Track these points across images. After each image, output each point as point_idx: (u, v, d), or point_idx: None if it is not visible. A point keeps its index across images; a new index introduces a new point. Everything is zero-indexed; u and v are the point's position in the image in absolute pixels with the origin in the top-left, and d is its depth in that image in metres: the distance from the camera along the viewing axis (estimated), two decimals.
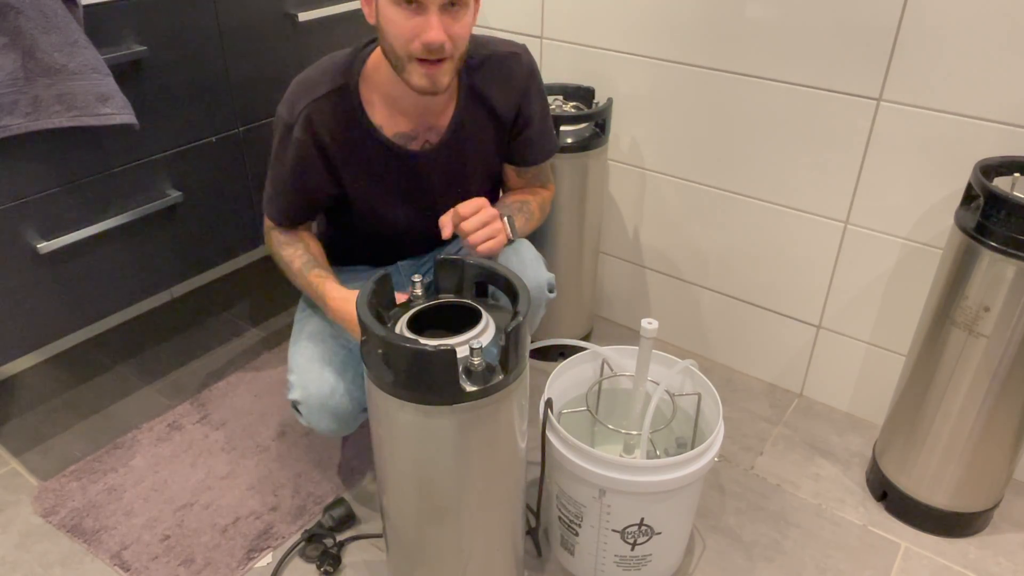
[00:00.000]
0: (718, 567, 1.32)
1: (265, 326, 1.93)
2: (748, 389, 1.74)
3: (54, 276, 1.32)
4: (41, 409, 1.66)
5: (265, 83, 1.52)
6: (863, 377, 1.61)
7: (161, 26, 1.32)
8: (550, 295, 1.29)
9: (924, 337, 1.30)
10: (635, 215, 1.78)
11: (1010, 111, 1.25)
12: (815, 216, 1.53)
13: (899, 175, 1.40)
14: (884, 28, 1.31)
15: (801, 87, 1.44)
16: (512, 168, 1.38)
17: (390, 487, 1.06)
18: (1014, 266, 1.13)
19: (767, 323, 1.69)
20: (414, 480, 1.01)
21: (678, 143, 1.64)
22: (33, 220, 1.26)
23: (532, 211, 1.36)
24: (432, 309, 1.02)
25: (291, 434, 1.58)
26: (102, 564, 1.31)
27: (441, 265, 1.06)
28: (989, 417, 1.25)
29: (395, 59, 1.10)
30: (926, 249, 1.42)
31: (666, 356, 1.28)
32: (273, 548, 1.34)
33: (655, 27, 1.56)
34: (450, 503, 1.01)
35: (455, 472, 0.99)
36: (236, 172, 1.54)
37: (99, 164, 1.32)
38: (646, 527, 1.16)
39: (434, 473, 0.99)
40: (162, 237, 1.46)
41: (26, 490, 1.46)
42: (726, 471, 1.51)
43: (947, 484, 1.34)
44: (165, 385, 1.73)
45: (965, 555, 1.35)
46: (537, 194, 1.40)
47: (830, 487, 1.48)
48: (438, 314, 1.02)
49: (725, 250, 1.68)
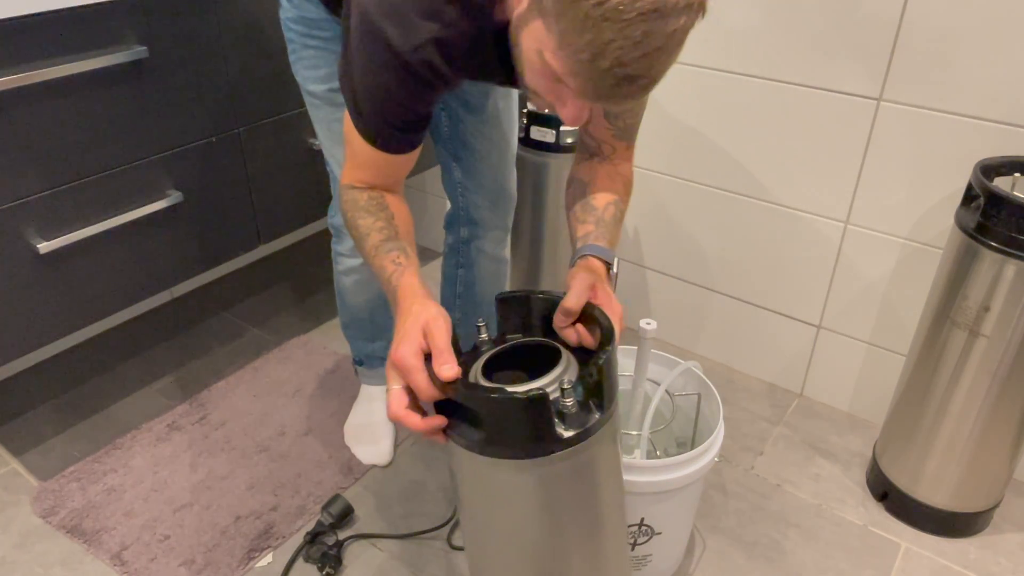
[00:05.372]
0: (718, 567, 1.32)
1: (265, 326, 1.93)
2: (748, 389, 1.74)
3: (54, 276, 1.32)
4: (41, 409, 1.66)
5: (265, 83, 1.52)
6: (863, 377, 1.61)
7: (161, 26, 1.32)
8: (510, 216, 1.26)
9: (924, 337, 1.30)
10: (635, 215, 1.78)
11: (1010, 111, 1.25)
12: (815, 216, 1.53)
13: (899, 175, 1.40)
14: (884, 28, 1.31)
15: (801, 87, 1.44)
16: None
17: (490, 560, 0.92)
18: (1014, 266, 1.13)
19: (767, 323, 1.69)
20: (517, 546, 0.87)
21: (678, 143, 1.64)
22: (33, 220, 1.26)
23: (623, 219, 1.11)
24: (503, 353, 0.88)
25: (291, 434, 1.58)
26: (102, 564, 1.31)
27: (503, 303, 0.92)
28: (989, 417, 1.25)
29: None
30: (926, 249, 1.42)
31: (667, 356, 1.27)
32: (273, 548, 1.34)
33: None
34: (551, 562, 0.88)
35: (558, 530, 0.86)
36: (236, 172, 1.54)
37: (99, 164, 1.32)
38: (646, 527, 1.16)
39: (534, 534, 0.86)
40: (162, 237, 1.46)
41: (26, 490, 1.46)
42: (726, 471, 1.51)
43: (947, 484, 1.34)
44: (165, 385, 1.73)
45: (965, 555, 1.34)
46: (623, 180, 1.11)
47: (830, 487, 1.48)
48: (508, 358, 0.88)
49: (725, 250, 1.68)
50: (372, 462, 1.51)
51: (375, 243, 0.96)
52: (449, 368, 0.76)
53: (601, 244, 0.98)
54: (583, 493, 0.84)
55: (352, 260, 1.38)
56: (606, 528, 0.89)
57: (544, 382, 0.80)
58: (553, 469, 0.80)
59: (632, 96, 0.75)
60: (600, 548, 0.89)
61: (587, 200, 1.04)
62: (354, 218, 1.00)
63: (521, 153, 1.64)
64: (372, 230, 0.97)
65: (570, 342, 0.88)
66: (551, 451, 0.78)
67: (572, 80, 0.75)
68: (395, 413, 0.80)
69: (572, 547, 0.87)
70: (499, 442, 0.78)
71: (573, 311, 0.86)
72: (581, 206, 1.04)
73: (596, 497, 0.86)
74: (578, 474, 0.82)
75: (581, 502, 0.85)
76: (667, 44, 0.71)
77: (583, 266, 0.94)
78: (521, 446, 0.78)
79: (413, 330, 0.81)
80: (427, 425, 0.80)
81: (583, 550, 0.88)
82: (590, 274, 0.90)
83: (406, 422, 0.80)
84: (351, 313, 1.48)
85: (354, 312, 1.47)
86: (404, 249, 0.95)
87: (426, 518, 1.40)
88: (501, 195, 1.38)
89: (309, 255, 2.17)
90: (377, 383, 1.59)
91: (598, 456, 0.83)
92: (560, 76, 0.76)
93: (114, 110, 1.30)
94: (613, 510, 0.90)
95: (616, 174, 1.08)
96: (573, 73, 0.74)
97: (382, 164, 0.98)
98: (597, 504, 0.86)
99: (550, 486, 0.81)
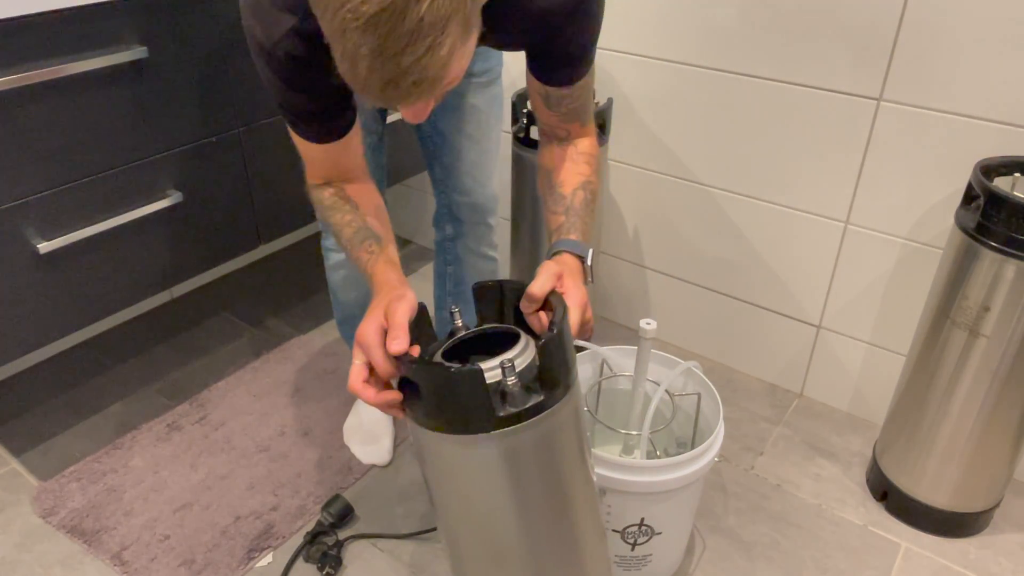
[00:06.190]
0: (718, 567, 1.32)
1: (265, 326, 1.93)
2: (748, 389, 1.74)
3: (54, 276, 1.32)
4: (41, 409, 1.66)
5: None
6: (863, 377, 1.61)
7: (161, 26, 1.32)
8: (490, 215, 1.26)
9: (924, 337, 1.30)
10: (635, 215, 1.78)
11: (1010, 111, 1.25)
12: (815, 216, 1.53)
13: (899, 175, 1.40)
14: (884, 28, 1.31)
15: (801, 87, 1.44)
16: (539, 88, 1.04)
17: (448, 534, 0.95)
18: (1014, 266, 1.13)
19: (767, 323, 1.69)
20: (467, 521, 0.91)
21: (678, 143, 1.64)
22: (33, 220, 1.26)
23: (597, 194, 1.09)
24: (474, 338, 0.91)
25: (291, 434, 1.58)
26: (102, 564, 1.31)
27: (479, 291, 0.95)
28: (989, 417, 1.25)
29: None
30: (926, 249, 1.42)
31: (668, 356, 1.27)
32: (273, 548, 1.34)
33: (655, 27, 1.56)
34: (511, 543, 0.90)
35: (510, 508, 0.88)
36: (236, 172, 1.54)
37: (99, 164, 1.32)
38: (646, 527, 1.16)
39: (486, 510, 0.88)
40: (162, 237, 1.46)
41: (26, 490, 1.46)
42: (726, 471, 1.51)
43: (947, 484, 1.34)
44: (165, 385, 1.73)
45: (965, 555, 1.34)
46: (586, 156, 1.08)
47: (830, 487, 1.48)
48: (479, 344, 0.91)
49: (725, 250, 1.68)
50: (372, 462, 1.51)
51: (348, 237, 1.00)
52: (398, 343, 0.80)
53: (573, 237, 0.99)
54: (532, 474, 0.86)
55: (339, 255, 1.39)
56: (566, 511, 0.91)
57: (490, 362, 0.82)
58: (495, 447, 0.83)
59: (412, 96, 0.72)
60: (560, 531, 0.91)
61: (554, 188, 1.05)
62: (326, 219, 1.03)
63: (521, 153, 1.65)
64: (343, 225, 1.00)
65: (534, 328, 0.91)
66: (485, 429, 0.81)
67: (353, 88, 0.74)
68: (352, 386, 0.85)
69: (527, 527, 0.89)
70: (440, 417, 0.82)
71: (536, 298, 0.88)
72: (551, 196, 1.05)
73: (549, 480, 0.88)
74: (522, 453, 0.84)
75: (531, 483, 0.87)
76: (411, 41, 0.67)
77: (555, 260, 0.95)
78: (460, 421, 0.81)
79: (376, 309, 0.85)
80: (381, 399, 0.84)
81: (539, 531, 0.90)
82: (556, 265, 0.93)
83: (362, 395, 0.85)
84: (344, 310, 1.49)
85: (347, 309, 1.48)
86: (375, 235, 0.98)
87: (426, 518, 1.40)
88: (481, 192, 1.38)
89: (309, 255, 2.17)
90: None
91: (545, 438, 0.85)
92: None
93: (114, 110, 1.30)
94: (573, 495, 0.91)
95: (577, 154, 1.07)
96: (350, 82, 0.73)
97: (323, 156, 1.01)
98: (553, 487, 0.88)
99: (493, 464, 0.84)
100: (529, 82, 1.05)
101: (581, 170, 1.06)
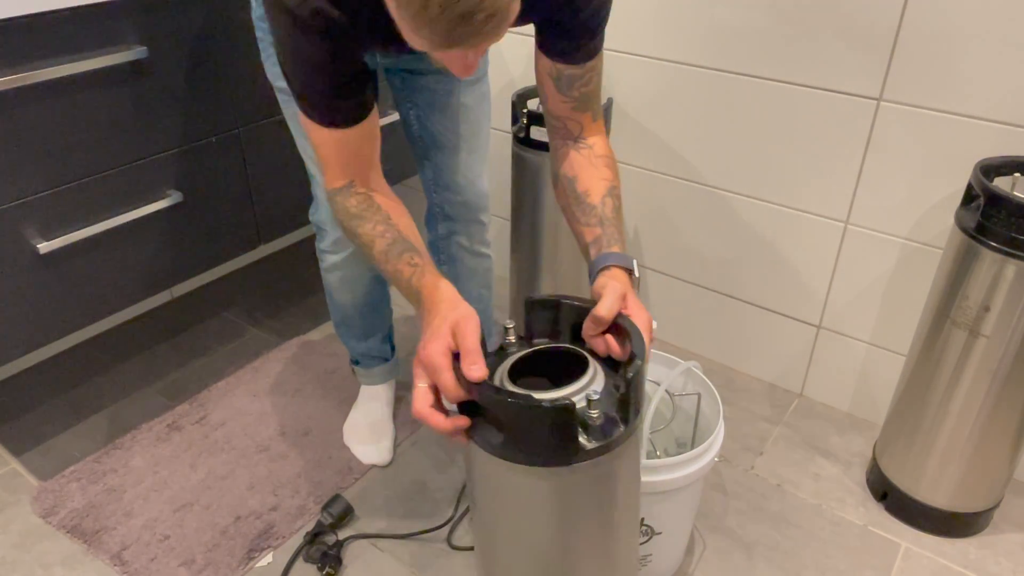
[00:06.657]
0: (718, 567, 1.32)
1: (265, 326, 1.93)
2: (748, 389, 1.74)
3: (54, 276, 1.32)
4: (41, 409, 1.66)
5: (265, 83, 1.52)
6: (863, 377, 1.61)
7: (161, 26, 1.32)
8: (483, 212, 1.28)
9: (924, 337, 1.30)
10: (635, 215, 1.78)
11: (1010, 111, 1.25)
12: (815, 216, 1.53)
13: (899, 175, 1.40)
14: (884, 28, 1.31)
15: (801, 87, 1.44)
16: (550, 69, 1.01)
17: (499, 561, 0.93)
18: (1014, 266, 1.13)
19: (767, 323, 1.69)
20: (527, 550, 0.88)
21: (678, 143, 1.64)
22: (33, 220, 1.26)
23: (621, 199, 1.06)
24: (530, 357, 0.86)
25: (291, 434, 1.58)
26: (102, 564, 1.31)
27: (532, 306, 0.90)
28: (989, 417, 1.25)
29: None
30: (926, 249, 1.42)
31: (668, 356, 1.27)
32: (273, 548, 1.34)
33: (655, 27, 1.56)
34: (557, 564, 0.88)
35: (570, 538, 0.86)
36: (236, 172, 1.54)
37: (99, 164, 1.32)
38: (646, 527, 1.16)
39: (546, 541, 0.86)
40: (162, 237, 1.46)
41: (26, 490, 1.46)
42: (726, 471, 1.51)
43: (947, 484, 1.34)
44: (165, 385, 1.73)
45: (965, 555, 1.34)
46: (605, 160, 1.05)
47: (830, 487, 1.48)
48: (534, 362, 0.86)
49: (725, 250, 1.68)
50: (372, 462, 1.51)
51: (382, 249, 0.94)
52: (478, 369, 0.76)
53: (616, 250, 0.95)
54: (599, 503, 0.84)
55: (334, 256, 1.37)
56: (619, 538, 0.89)
57: (571, 391, 0.79)
58: (572, 479, 0.79)
59: (481, 35, 0.72)
60: (610, 556, 0.89)
61: (581, 199, 1.01)
62: (352, 228, 0.97)
63: (521, 153, 1.64)
64: (375, 236, 0.95)
65: (598, 351, 0.87)
66: (571, 461, 0.77)
67: (418, 35, 0.72)
68: (419, 411, 0.80)
69: (582, 554, 0.87)
70: (520, 448, 0.78)
71: (605, 320, 0.84)
72: (578, 207, 1.01)
73: (612, 507, 0.85)
74: (596, 485, 0.81)
75: (596, 512, 0.84)
76: None
77: (609, 276, 0.91)
78: (542, 454, 0.77)
79: (442, 329, 0.80)
80: (451, 425, 0.79)
81: (593, 558, 0.88)
82: (619, 284, 0.88)
83: (430, 421, 0.79)
84: (340, 312, 1.49)
85: (343, 311, 1.48)
86: (416, 249, 0.94)
87: (426, 518, 1.41)
88: (473, 190, 1.38)
89: (309, 255, 2.16)
90: (374, 382, 1.59)
91: (618, 469, 0.82)
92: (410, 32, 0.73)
93: (114, 110, 1.30)
94: (628, 520, 0.90)
95: (595, 157, 1.04)
96: (416, 28, 0.71)
97: (342, 146, 0.96)
98: (612, 514, 0.86)
99: (566, 495, 0.81)
100: (539, 65, 1.01)
101: (604, 175, 1.03)
